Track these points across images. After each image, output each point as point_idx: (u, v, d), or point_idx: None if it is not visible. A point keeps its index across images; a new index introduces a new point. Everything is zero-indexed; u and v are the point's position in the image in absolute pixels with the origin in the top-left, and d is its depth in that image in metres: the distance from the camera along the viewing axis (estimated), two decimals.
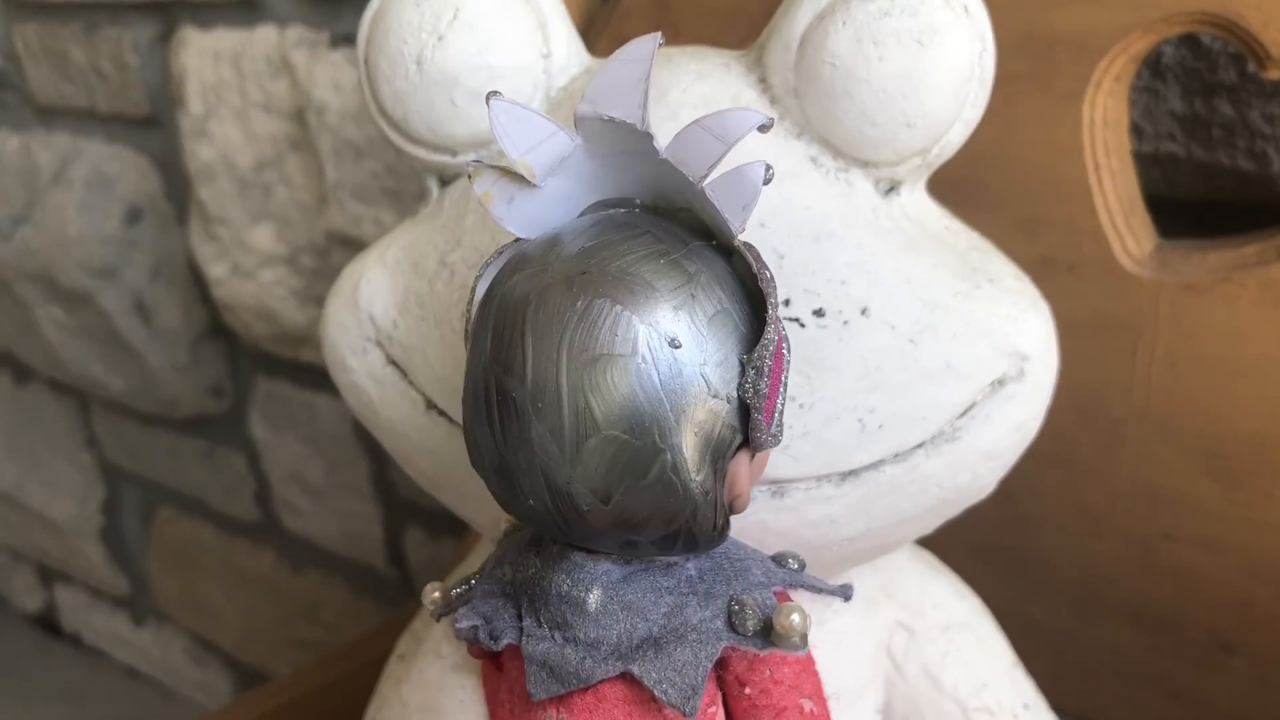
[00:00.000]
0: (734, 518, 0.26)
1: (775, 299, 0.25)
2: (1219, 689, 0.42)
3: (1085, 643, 0.44)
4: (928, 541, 0.36)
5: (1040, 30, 0.40)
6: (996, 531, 0.44)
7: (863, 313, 0.29)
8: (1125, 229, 0.40)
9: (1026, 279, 0.32)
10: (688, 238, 0.25)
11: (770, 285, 0.24)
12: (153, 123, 0.82)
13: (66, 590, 1.18)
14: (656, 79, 0.31)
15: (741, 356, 0.24)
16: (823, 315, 0.29)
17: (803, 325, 0.29)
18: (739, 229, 0.24)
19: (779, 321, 0.25)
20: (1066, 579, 0.44)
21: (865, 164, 0.30)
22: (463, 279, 0.32)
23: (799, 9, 0.30)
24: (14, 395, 1.10)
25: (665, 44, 0.26)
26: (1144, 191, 0.41)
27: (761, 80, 0.31)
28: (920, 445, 0.30)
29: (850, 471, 0.30)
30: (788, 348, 0.26)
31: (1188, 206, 0.45)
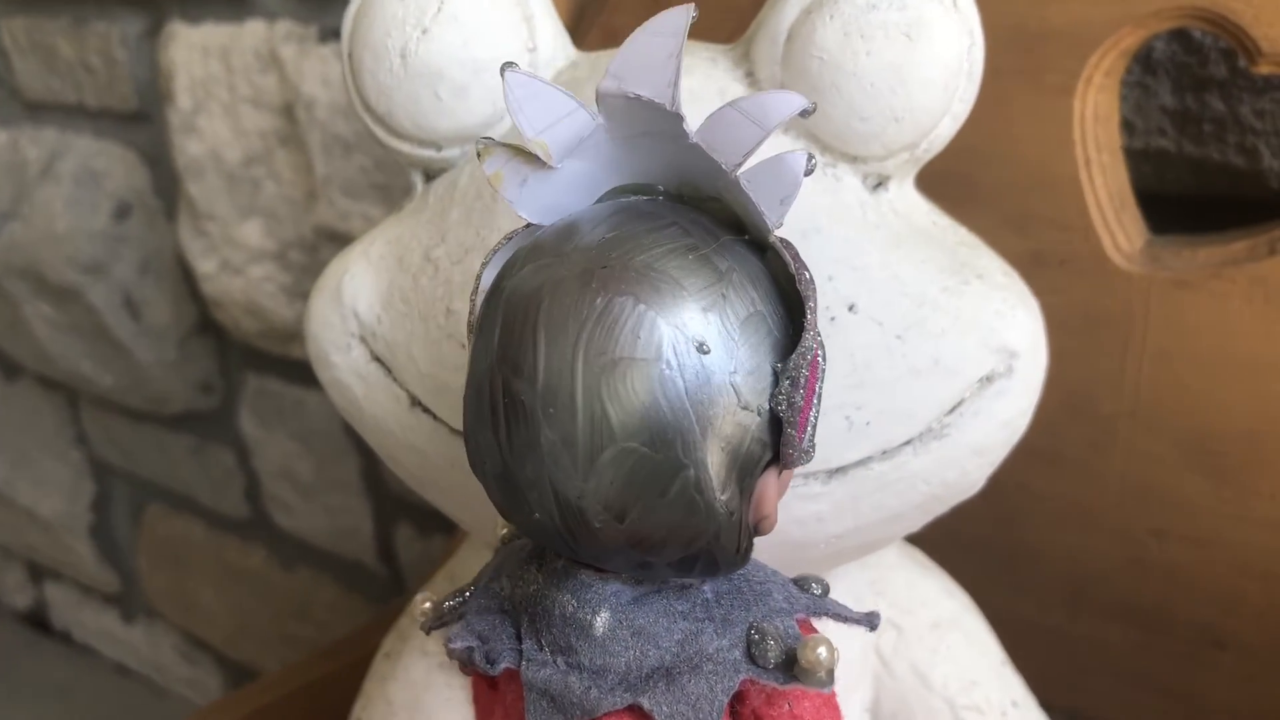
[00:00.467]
0: None
1: (815, 302, 0.22)
2: (1209, 685, 0.42)
3: (1075, 639, 0.44)
4: (917, 539, 0.36)
5: (1030, 24, 0.40)
6: (986, 528, 0.44)
7: (850, 309, 0.29)
8: (1116, 224, 0.40)
9: (1015, 274, 0.32)
10: (718, 231, 0.23)
11: (810, 287, 0.22)
12: (141, 118, 0.81)
13: (56, 587, 1.17)
14: None
15: (775, 365, 0.22)
16: None
17: None
18: (775, 224, 0.22)
19: (817, 328, 0.23)
20: (1056, 575, 0.44)
21: (853, 159, 0.30)
22: (447, 274, 0.31)
23: (786, 3, 0.30)
24: (2, 392, 1.09)
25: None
26: (1135, 187, 0.41)
27: (749, 74, 0.31)
28: (908, 442, 0.30)
29: (838, 469, 0.30)
30: (823, 356, 0.23)
31: (1178, 202, 0.45)
